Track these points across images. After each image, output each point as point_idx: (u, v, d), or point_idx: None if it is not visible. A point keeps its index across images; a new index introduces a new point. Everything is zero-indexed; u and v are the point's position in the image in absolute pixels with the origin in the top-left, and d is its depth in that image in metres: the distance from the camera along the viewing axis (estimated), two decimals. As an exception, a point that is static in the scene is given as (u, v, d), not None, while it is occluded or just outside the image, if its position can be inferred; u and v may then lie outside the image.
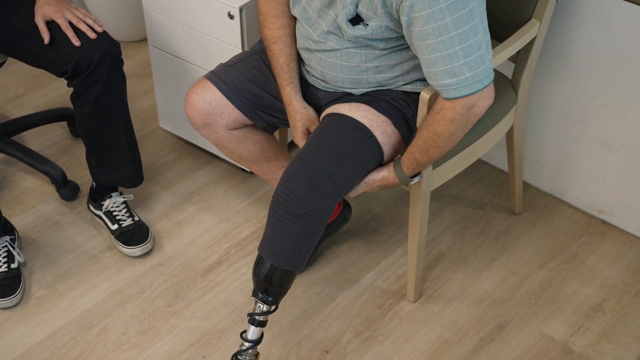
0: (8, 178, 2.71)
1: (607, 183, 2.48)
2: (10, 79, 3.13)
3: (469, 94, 1.77)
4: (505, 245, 2.48)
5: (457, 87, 1.76)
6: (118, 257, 2.45)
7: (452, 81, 1.75)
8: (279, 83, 2.06)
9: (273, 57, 2.04)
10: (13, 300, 2.29)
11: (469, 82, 1.75)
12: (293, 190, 1.86)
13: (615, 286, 2.36)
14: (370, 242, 2.50)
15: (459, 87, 1.76)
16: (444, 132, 1.82)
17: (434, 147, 1.87)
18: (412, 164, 1.94)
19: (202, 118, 2.12)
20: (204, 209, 2.61)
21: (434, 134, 1.84)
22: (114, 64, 2.25)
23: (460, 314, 2.28)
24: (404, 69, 1.94)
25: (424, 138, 1.87)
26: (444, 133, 1.83)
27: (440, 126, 1.82)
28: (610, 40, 2.25)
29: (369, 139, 1.94)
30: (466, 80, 1.75)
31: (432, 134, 1.85)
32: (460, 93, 1.76)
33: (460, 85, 1.75)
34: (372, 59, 1.91)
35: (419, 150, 1.90)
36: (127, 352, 2.19)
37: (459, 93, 1.76)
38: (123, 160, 2.41)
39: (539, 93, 2.48)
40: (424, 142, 1.88)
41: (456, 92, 1.76)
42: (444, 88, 1.77)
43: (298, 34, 2.02)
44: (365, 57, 1.91)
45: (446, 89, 1.77)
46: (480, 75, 1.76)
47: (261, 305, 1.96)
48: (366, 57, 1.91)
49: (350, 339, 2.22)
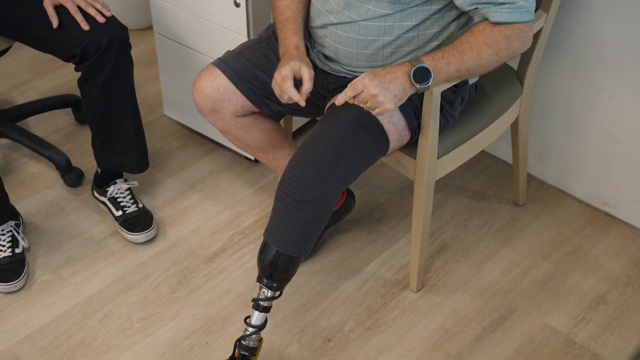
0: (13, 163, 2.71)
1: (612, 176, 2.48)
2: (16, 65, 3.13)
3: (528, 20, 1.82)
4: (508, 236, 2.49)
5: (521, 11, 1.81)
6: (122, 244, 2.45)
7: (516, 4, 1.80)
8: (282, 35, 1.97)
9: (279, 13, 2.01)
10: (17, 285, 2.30)
11: (523, 9, 1.81)
12: (299, 176, 1.86)
13: (618, 278, 2.36)
14: (373, 232, 2.50)
15: (522, 11, 1.81)
16: (493, 43, 1.82)
17: (472, 54, 1.82)
18: (437, 58, 1.82)
19: (210, 104, 2.13)
20: (207, 197, 2.61)
21: (483, 42, 1.82)
22: (122, 48, 2.25)
23: (463, 304, 2.29)
24: (420, 42, 1.93)
25: (468, 40, 1.83)
26: (493, 44, 1.82)
27: (492, 37, 1.81)
28: (617, 32, 2.25)
29: (376, 127, 1.93)
30: (521, 7, 1.81)
31: (480, 41, 1.82)
32: (525, 18, 1.81)
33: (522, 10, 1.80)
34: (391, 32, 1.91)
35: (454, 48, 1.83)
36: (130, 338, 2.19)
37: (524, 18, 1.81)
38: (129, 145, 2.41)
39: (545, 84, 2.48)
40: (462, 44, 1.83)
41: (520, 16, 1.81)
42: (508, 10, 1.80)
43: (313, 10, 2.01)
44: (383, 30, 1.90)
45: (512, 12, 1.80)
46: (531, 7, 1.82)
47: (266, 291, 1.97)
48: (385, 30, 1.90)
49: (352, 328, 2.23)
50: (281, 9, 2.01)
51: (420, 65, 1.79)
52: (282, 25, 1.99)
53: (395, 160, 2.15)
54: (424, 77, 1.80)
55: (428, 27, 1.91)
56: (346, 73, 2.03)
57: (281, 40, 1.98)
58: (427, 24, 1.90)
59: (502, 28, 1.81)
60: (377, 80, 1.79)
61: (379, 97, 1.78)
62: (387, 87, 1.79)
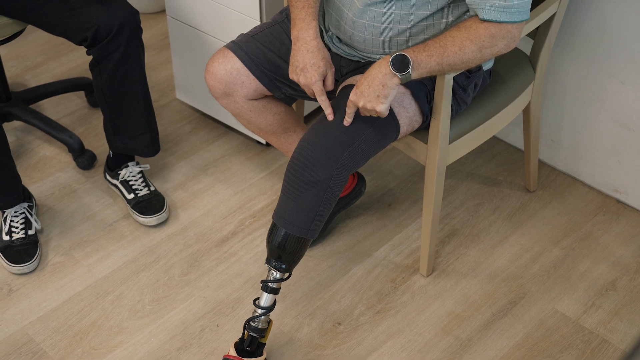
0: (26, 146, 2.73)
1: (623, 162, 2.48)
2: (29, 48, 3.14)
3: (517, 21, 1.80)
4: (519, 222, 2.49)
5: (510, 11, 1.79)
6: (134, 226, 2.47)
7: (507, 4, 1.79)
8: (300, 16, 1.97)
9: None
10: (30, 267, 2.32)
11: (514, 10, 1.79)
12: (308, 157, 1.87)
13: (628, 265, 2.36)
14: (384, 217, 2.51)
15: (512, 11, 1.79)
16: (477, 39, 1.81)
17: (454, 48, 1.82)
18: (417, 50, 1.83)
19: (223, 87, 2.13)
20: (219, 181, 2.62)
21: (467, 37, 1.82)
22: (133, 32, 2.26)
23: (473, 289, 2.30)
24: (435, 31, 1.93)
25: (452, 35, 1.83)
26: (476, 40, 1.81)
27: (477, 34, 1.81)
28: (630, 18, 2.24)
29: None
30: (512, 7, 1.79)
31: (464, 36, 1.82)
32: (514, 18, 1.80)
33: (512, 10, 1.79)
34: (406, 20, 1.91)
35: (436, 42, 1.83)
36: (141, 320, 2.21)
37: (512, 18, 1.80)
38: (141, 128, 2.42)
39: (557, 70, 2.48)
40: (446, 38, 1.83)
41: (509, 16, 1.79)
42: (497, 9, 1.79)
43: None
44: (399, 18, 1.91)
45: (500, 11, 1.79)
46: (524, 7, 1.80)
47: (274, 273, 1.98)
48: (400, 18, 1.91)
49: (362, 312, 2.24)
50: None
51: (398, 54, 1.82)
52: (299, 5, 1.98)
53: (407, 145, 2.15)
54: (403, 65, 1.81)
55: (443, 16, 1.91)
56: (360, 58, 2.03)
57: (297, 21, 1.97)
58: (443, 13, 1.90)
59: (488, 26, 1.80)
60: (358, 91, 1.85)
61: (367, 106, 1.84)
62: (366, 92, 1.84)
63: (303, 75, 1.93)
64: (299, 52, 1.94)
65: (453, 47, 1.82)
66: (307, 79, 1.93)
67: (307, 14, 1.96)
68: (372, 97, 1.83)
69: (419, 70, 1.83)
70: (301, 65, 1.93)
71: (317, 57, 1.93)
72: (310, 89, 1.94)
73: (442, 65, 1.83)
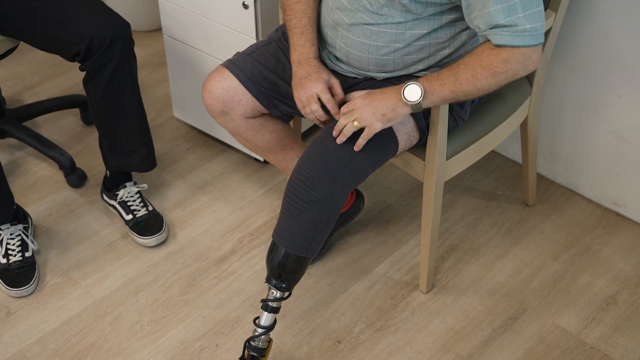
0: (21, 165, 2.72)
1: (622, 175, 2.47)
2: (25, 68, 3.14)
3: (531, 45, 1.77)
4: (518, 237, 2.48)
5: (523, 35, 1.76)
6: (132, 246, 2.46)
7: (516, 28, 1.75)
8: (300, 43, 1.99)
9: (294, 17, 2.02)
10: (28, 290, 2.31)
11: (526, 33, 1.76)
12: (307, 176, 1.87)
13: (628, 278, 2.35)
14: (383, 233, 2.50)
15: (524, 35, 1.76)
16: (489, 65, 1.78)
17: (467, 75, 1.80)
18: (431, 79, 1.83)
19: (220, 106, 2.13)
20: (217, 199, 2.61)
21: (479, 64, 1.79)
22: (125, 44, 2.26)
23: (473, 305, 2.29)
24: (431, 50, 1.93)
25: (465, 62, 1.81)
26: (488, 67, 1.78)
27: (488, 60, 1.78)
28: (626, 31, 2.24)
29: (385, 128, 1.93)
30: (524, 31, 1.75)
31: (476, 63, 1.79)
32: (528, 42, 1.76)
33: (524, 34, 1.76)
34: (402, 39, 1.91)
35: (449, 70, 1.82)
36: (140, 340, 2.20)
37: (526, 42, 1.76)
38: (136, 143, 2.41)
39: (554, 84, 2.48)
40: (459, 65, 1.81)
41: (522, 40, 1.76)
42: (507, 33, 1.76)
43: (325, 8, 2.01)
44: (395, 37, 1.91)
45: (512, 35, 1.76)
46: (538, 31, 1.77)
47: (274, 292, 1.97)
48: (396, 37, 1.90)
49: (362, 329, 2.23)
50: (297, 13, 2.02)
51: (411, 83, 1.82)
52: (298, 32, 2.01)
53: (404, 161, 2.15)
54: (413, 95, 1.83)
55: (439, 36, 1.91)
56: (356, 74, 2.03)
57: (297, 47, 2.01)
58: (439, 32, 1.90)
59: (500, 51, 1.78)
60: (369, 99, 1.86)
61: (367, 114, 1.84)
62: (376, 105, 1.85)
63: (307, 79, 1.95)
64: (301, 66, 1.98)
65: (465, 75, 1.81)
66: (310, 81, 1.95)
67: (307, 40, 2.00)
68: (378, 114, 1.85)
69: (431, 99, 1.83)
70: (305, 75, 1.96)
71: (320, 69, 1.97)
72: (315, 93, 1.94)
73: (455, 93, 1.83)
